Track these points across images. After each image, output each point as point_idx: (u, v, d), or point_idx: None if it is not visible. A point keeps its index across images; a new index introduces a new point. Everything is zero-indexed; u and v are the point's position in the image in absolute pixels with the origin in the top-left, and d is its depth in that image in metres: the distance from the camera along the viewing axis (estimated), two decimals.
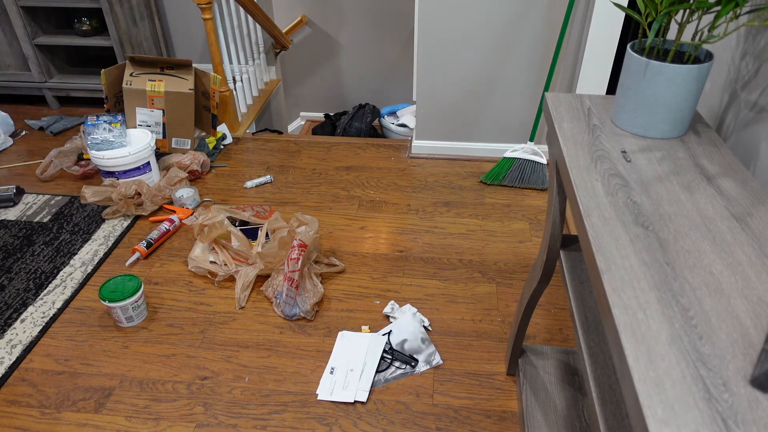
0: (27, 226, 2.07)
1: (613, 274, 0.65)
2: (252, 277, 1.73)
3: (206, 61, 3.39)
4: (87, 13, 2.87)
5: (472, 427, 1.36)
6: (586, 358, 0.86)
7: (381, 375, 1.49)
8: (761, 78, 0.92)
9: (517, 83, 2.29)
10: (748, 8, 0.96)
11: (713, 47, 1.09)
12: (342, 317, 1.67)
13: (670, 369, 0.54)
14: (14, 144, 2.66)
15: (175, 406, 1.42)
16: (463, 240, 1.99)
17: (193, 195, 2.17)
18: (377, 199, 2.22)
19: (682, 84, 0.86)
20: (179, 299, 1.74)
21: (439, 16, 2.16)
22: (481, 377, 1.49)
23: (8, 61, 2.90)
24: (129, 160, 2.11)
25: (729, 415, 0.50)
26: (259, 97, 3.13)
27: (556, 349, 1.45)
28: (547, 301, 1.73)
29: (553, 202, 1.06)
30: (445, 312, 1.69)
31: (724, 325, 0.59)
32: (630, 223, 0.73)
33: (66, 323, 1.66)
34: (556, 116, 1.00)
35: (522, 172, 2.27)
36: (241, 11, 2.93)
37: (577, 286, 0.99)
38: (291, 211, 2.15)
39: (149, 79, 2.30)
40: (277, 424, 1.37)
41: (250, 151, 2.57)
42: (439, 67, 2.29)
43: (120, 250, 1.95)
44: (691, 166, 0.86)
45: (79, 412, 1.40)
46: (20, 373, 1.51)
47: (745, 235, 0.71)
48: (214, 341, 1.60)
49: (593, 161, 0.86)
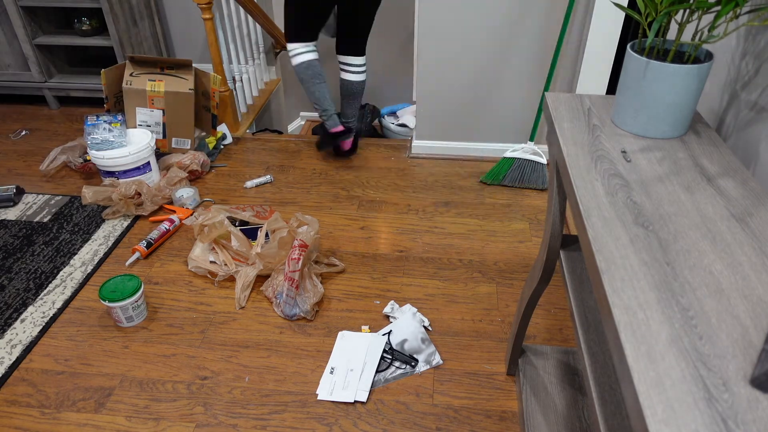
0: (27, 226, 2.07)
1: (613, 274, 0.65)
2: (252, 277, 1.73)
3: (206, 61, 3.40)
4: (87, 13, 2.87)
5: (472, 427, 1.37)
6: (586, 358, 0.86)
7: (381, 375, 1.49)
8: (761, 78, 0.92)
9: (517, 83, 2.29)
10: (748, 8, 0.96)
11: (713, 47, 1.09)
12: (342, 317, 1.67)
13: (670, 369, 0.54)
14: (14, 144, 2.66)
15: (175, 406, 1.42)
16: (463, 240, 1.99)
17: (193, 195, 2.17)
18: (377, 199, 2.22)
19: (682, 84, 0.86)
20: (179, 299, 1.74)
21: (439, 16, 2.16)
22: (481, 377, 1.49)
23: (8, 61, 2.90)
24: (129, 160, 2.11)
25: (729, 415, 0.50)
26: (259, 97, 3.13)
27: (556, 349, 1.45)
28: (547, 301, 1.73)
29: (553, 202, 1.06)
30: (445, 312, 1.69)
31: (724, 325, 0.59)
32: (630, 223, 0.73)
33: (66, 323, 1.66)
34: (556, 116, 1.00)
35: (522, 172, 2.27)
36: (241, 11, 2.93)
37: (577, 286, 0.99)
38: (291, 211, 2.15)
39: (149, 79, 2.30)
40: (277, 424, 1.37)
41: (250, 151, 2.57)
42: (439, 67, 2.29)
43: (120, 250, 1.95)
44: (691, 166, 0.86)
45: (79, 412, 1.40)
46: (20, 373, 1.51)
47: (745, 235, 0.71)
48: (214, 341, 1.60)
49: (593, 161, 0.86)
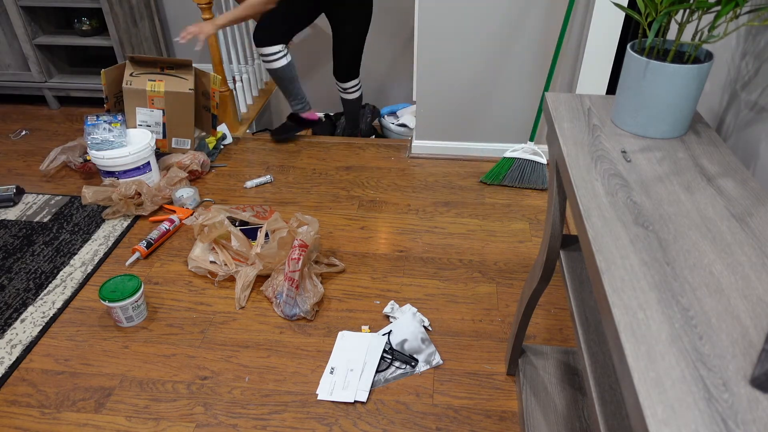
0: (27, 226, 2.07)
1: (613, 274, 0.65)
2: (252, 277, 1.73)
3: (206, 61, 3.39)
4: (87, 13, 2.87)
5: (472, 427, 1.36)
6: (586, 358, 0.86)
7: (381, 375, 1.49)
8: (761, 78, 0.92)
9: (517, 83, 2.29)
10: (748, 8, 0.96)
11: (713, 47, 1.09)
12: (342, 317, 1.67)
13: (670, 369, 0.54)
14: (14, 144, 2.66)
15: (175, 406, 1.42)
16: (463, 240, 1.99)
17: (193, 195, 2.17)
18: (377, 199, 2.22)
19: (682, 84, 0.86)
20: (179, 299, 1.74)
21: (439, 15, 2.16)
22: (481, 377, 1.49)
23: (8, 61, 2.90)
24: (129, 160, 2.11)
25: (729, 415, 0.50)
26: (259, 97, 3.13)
27: (556, 349, 1.45)
28: (547, 301, 1.73)
29: (553, 202, 1.06)
30: (445, 312, 1.69)
31: (724, 325, 0.59)
32: (630, 223, 0.73)
33: (66, 323, 1.66)
34: (556, 116, 1.00)
35: (522, 172, 2.27)
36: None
37: (577, 286, 0.99)
38: (291, 211, 2.15)
39: (149, 79, 2.30)
40: (277, 424, 1.37)
41: (250, 151, 2.57)
42: (439, 67, 2.29)
43: (120, 250, 1.95)
44: (691, 166, 0.86)
45: (79, 412, 1.40)
46: (20, 373, 1.51)
47: (745, 235, 0.71)
48: (214, 341, 1.60)
49: (593, 161, 0.86)
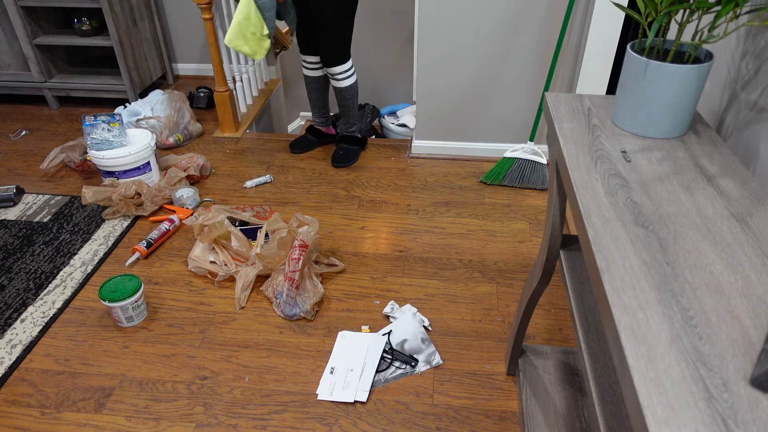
0: (27, 226, 2.07)
1: (613, 274, 0.65)
2: (252, 277, 1.73)
3: (206, 61, 3.40)
4: (87, 13, 2.87)
5: (472, 427, 1.36)
6: (586, 358, 0.86)
7: (381, 375, 1.49)
8: (761, 78, 0.92)
9: (517, 83, 2.29)
10: (748, 8, 0.96)
11: (713, 47, 1.09)
12: (342, 317, 1.67)
13: (670, 369, 0.54)
14: (14, 144, 2.66)
15: (175, 406, 1.42)
16: (463, 240, 1.99)
17: (193, 195, 2.17)
18: (377, 199, 2.22)
19: (682, 84, 0.86)
20: (179, 299, 1.74)
21: (439, 16, 2.16)
22: (481, 377, 1.49)
23: (8, 61, 2.90)
24: (129, 160, 2.11)
25: (729, 415, 0.50)
26: (259, 97, 3.13)
27: (556, 349, 1.45)
28: (547, 301, 1.73)
29: (553, 202, 1.06)
30: (445, 312, 1.69)
31: (724, 325, 0.59)
32: (630, 223, 0.73)
33: (66, 323, 1.66)
34: (556, 116, 1.00)
35: (522, 172, 2.27)
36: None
37: (577, 286, 0.99)
38: (291, 211, 2.15)
39: None
40: (277, 424, 1.37)
41: (250, 151, 2.57)
42: (439, 67, 2.29)
43: (120, 250, 1.95)
44: (691, 166, 0.86)
45: (79, 412, 1.40)
46: (20, 373, 1.51)
47: (745, 235, 0.71)
48: (214, 341, 1.60)
49: (593, 161, 0.86)
